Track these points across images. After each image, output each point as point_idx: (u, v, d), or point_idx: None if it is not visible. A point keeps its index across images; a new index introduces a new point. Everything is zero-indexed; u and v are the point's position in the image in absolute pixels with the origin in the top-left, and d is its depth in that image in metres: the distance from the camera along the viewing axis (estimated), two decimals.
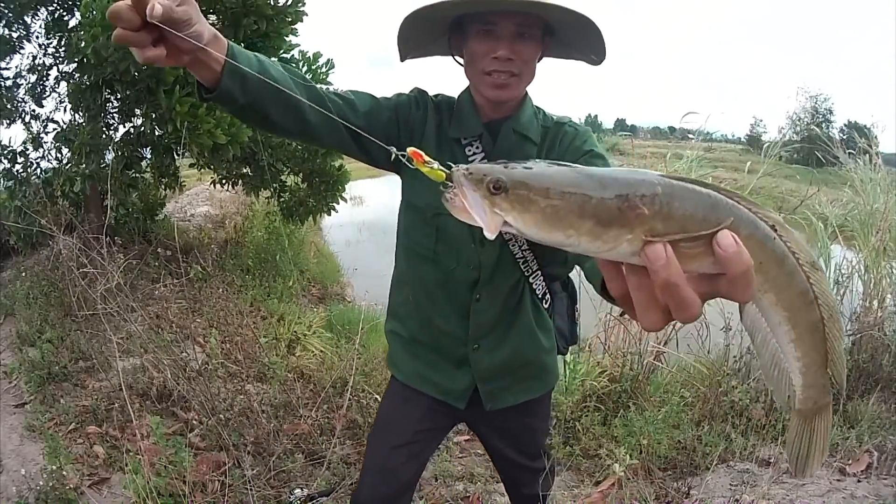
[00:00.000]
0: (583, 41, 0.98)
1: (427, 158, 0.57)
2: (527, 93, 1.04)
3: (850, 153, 3.34)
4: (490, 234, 0.42)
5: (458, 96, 1.07)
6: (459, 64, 1.02)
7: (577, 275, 1.20)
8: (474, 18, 0.94)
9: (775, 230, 0.43)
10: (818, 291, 0.45)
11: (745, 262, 0.39)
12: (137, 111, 3.58)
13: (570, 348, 1.32)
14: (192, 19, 0.66)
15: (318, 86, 0.93)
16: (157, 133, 3.73)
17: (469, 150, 1.02)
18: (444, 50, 1.05)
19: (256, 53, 0.83)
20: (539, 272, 1.09)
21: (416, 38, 1.01)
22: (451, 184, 0.45)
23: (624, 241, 0.40)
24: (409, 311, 1.14)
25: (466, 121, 1.03)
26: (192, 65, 0.75)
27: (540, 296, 1.11)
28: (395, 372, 1.20)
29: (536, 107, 1.07)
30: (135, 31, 0.63)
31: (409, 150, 0.57)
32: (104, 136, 3.58)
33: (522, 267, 1.06)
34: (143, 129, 3.73)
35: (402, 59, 1.04)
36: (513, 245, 1.05)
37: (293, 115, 0.88)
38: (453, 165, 0.47)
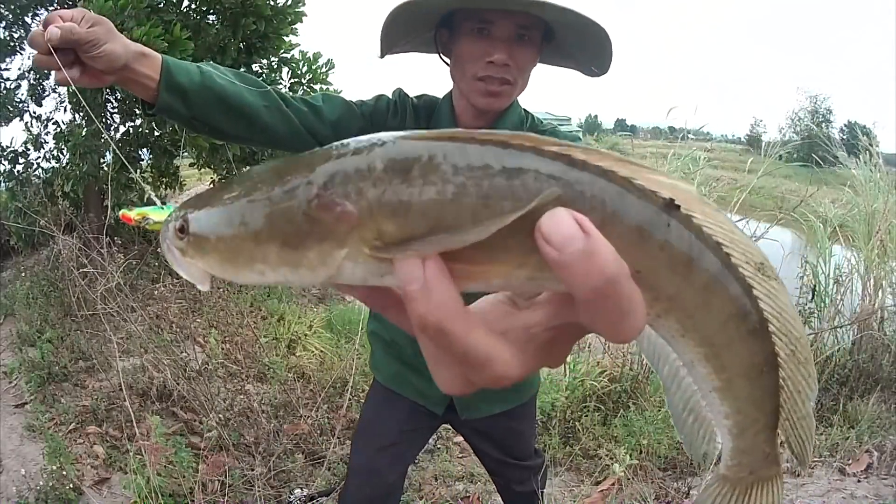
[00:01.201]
0: (585, 49, 0.89)
1: (134, 217, 0.46)
2: (515, 101, 0.95)
3: (851, 153, 3.34)
4: (202, 285, 0.30)
5: (441, 100, 0.97)
6: (446, 63, 0.93)
7: None
8: (468, 15, 0.84)
9: (674, 208, 0.24)
10: (769, 311, 0.26)
11: (599, 270, 0.21)
12: (137, 111, 3.59)
13: None
14: (98, 40, 0.67)
15: (283, 92, 0.88)
16: (155, 133, 3.73)
17: None
18: (426, 47, 0.95)
19: (201, 65, 0.82)
20: None
21: (402, 32, 0.92)
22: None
23: (344, 262, 0.24)
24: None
25: (444, 128, 0.96)
26: (123, 83, 0.75)
27: None
28: (376, 374, 1.18)
29: (525, 111, 0.98)
30: (46, 54, 0.65)
31: (121, 214, 0.50)
32: (103, 136, 3.58)
33: None
34: (140, 129, 3.74)
35: (382, 56, 0.95)
36: None
37: (245, 122, 0.84)
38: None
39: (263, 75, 3.96)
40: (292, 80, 3.96)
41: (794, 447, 0.32)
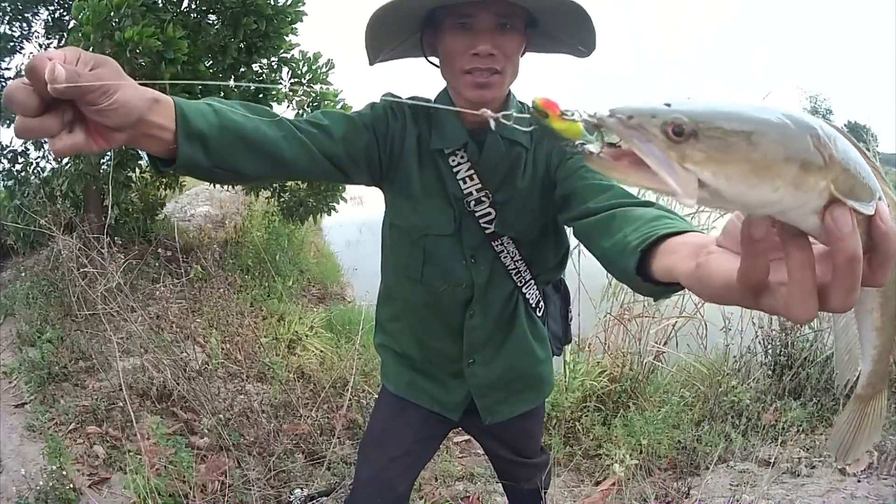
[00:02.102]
0: (569, 31, 0.90)
1: (561, 109, 0.39)
2: (510, 91, 0.95)
3: None
4: (691, 200, 0.31)
5: (435, 101, 0.97)
6: (434, 65, 0.94)
7: (569, 272, 1.18)
8: (449, 12, 0.85)
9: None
10: None
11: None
12: None
13: (564, 348, 1.30)
14: (109, 87, 0.49)
15: (285, 119, 0.81)
16: None
17: (453, 161, 0.94)
18: (416, 51, 0.96)
19: (210, 101, 0.69)
20: (532, 281, 1.04)
21: (386, 37, 0.92)
22: (588, 137, 0.35)
23: (816, 194, 0.32)
24: (400, 328, 1.11)
25: (448, 129, 0.93)
26: (134, 141, 0.58)
27: (534, 305, 1.07)
28: (388, 384, 1.16)
29: (521, 102, 0.99)
30: (36, 115, 0.47)
31: (539, 99, 0.40)
32: None
33: (515, 278, 1.01)
34: None
35: (371, 63, 0.95)
36: (504, 257, 0.99)
37: (269, 160, 0.76)
38: (586, 114, 0.35)
39: (263, 75, 3.96)
40: (292, 80, 3.96)
41: None
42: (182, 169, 0.66)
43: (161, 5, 3.15)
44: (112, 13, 2.78)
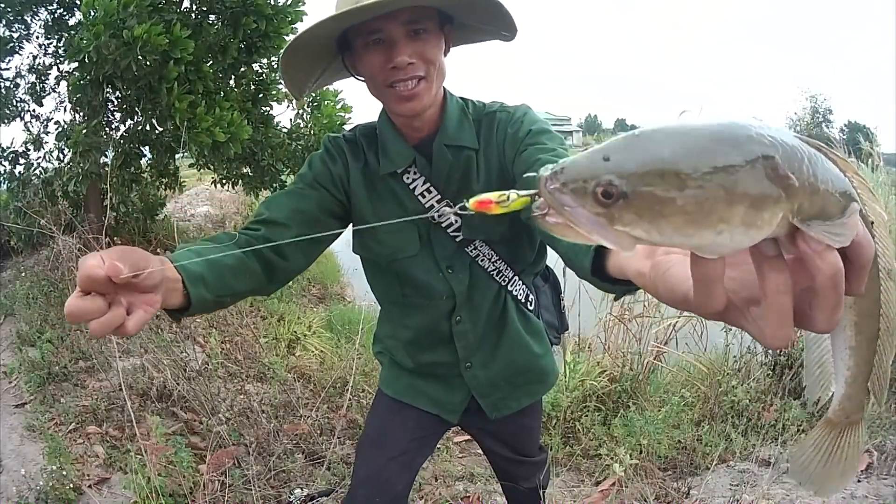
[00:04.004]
0: (484, 19, 0.88)
1: (495, 199, 0.39)
2: (446, 92, 0.93)
3: (851, 153, 3.34)
4: (629, 252, 0.31)
5: (378, 124, 0.96)
6: (363, 81, 0.91)
7: (570, 272, 1.17)
8: (357, 32, 0.83)
9: (871, 225, 0.34)
10: (884, 301, 0.38)
11: (872, 250, 0.31)
12: (137, 109, 3.59)
13: (562, 336, 1.29)
14: (149, 261, 0.55)
15: (237, 234, 0.85)
16: (156, 131, 3.73)
17: (408, 179, 0.94)
18: (344, 73, 0.94)
19: (185, 247, 0.75)
20: (516, 277, 1.03)
21: (305, 71, 0.91)
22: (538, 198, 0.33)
23: (774, 227, 0.29)
24: (395, 344, 1.12)
25: (393, 150, 0.93)
26: (163, 298, 0.63)
27: (523, 300, 1.06)
28: (386, 389, 1.16)
29: (461, 99, 0.96)
30: (104, 314, 0.52)
31: (472, 202, 0.40)
32: (104, 134, 3.58)
33: (498, 278, 1.00)
34: (140, 126, 3.74)
35: (299, 97, 0.95)
36: (482, 260, 0.98)
37: (257, 276, 0.82)
38: (535, 175, 0.34)
39: (264, 75, 3.96)
40: None
41: (876, 393, 0.44)
42: (197, 309, 0.71)
43: (165, 5, 3.16)
44: (120, 13, 2.78)
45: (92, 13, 2.85)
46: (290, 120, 4.24)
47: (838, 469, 0.47)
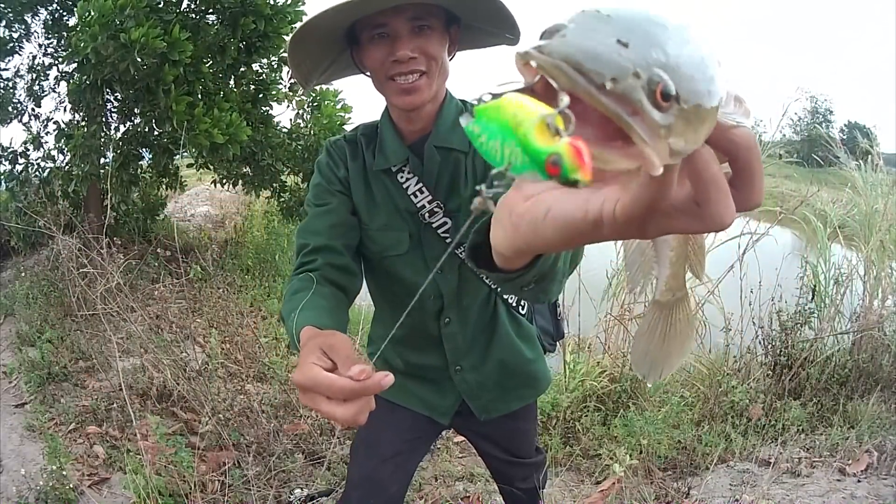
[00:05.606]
0: (491, 21, 0.89)
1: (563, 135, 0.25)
2: (447, 94, 0.94)
3: (851, 153, 3.34)
4: (656, 172, 0.24)
5: (379, 121, 0.97)
6: (369, 76, 0.93)
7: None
8: (364, 25, 0.85)
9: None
10: None
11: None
12: (136, 111, 3.59)
13: (557, 343, 1.28)
14: (345, 339, 0.65)
15: (311, 276, 0.89)
16: (155, 132, 3.74)
17: (401, 178, 0.95)
18: (351, 69, 0.96)
19: (297, 308, 0.79)
20: None
21: (311, 61, 0.93)
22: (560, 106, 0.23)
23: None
24: (386, 345, 1.12)
25: (389, 148, 0.94)
26: None
27: (515, 304, 1.06)
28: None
29: (462, 101, 0.97)
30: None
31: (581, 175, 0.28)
32: (103, 135, 3.59)
33: (488, 281, 0.99)
34: (139, 128, 3.74)
35: (305, 88, 0.96)
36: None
37: (344, 301, 0.90)
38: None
39: (263, 75, 3.96)
40: (292, 80, 3.96)
41: (695, 266, 0.48)
42: None
43: (162, 6, 3.16)
44: (116, 14, 2.78)
45: (87, 14, 2.84)
46: (290, 120, 4.24)
47: (677, 343, 0.50)
